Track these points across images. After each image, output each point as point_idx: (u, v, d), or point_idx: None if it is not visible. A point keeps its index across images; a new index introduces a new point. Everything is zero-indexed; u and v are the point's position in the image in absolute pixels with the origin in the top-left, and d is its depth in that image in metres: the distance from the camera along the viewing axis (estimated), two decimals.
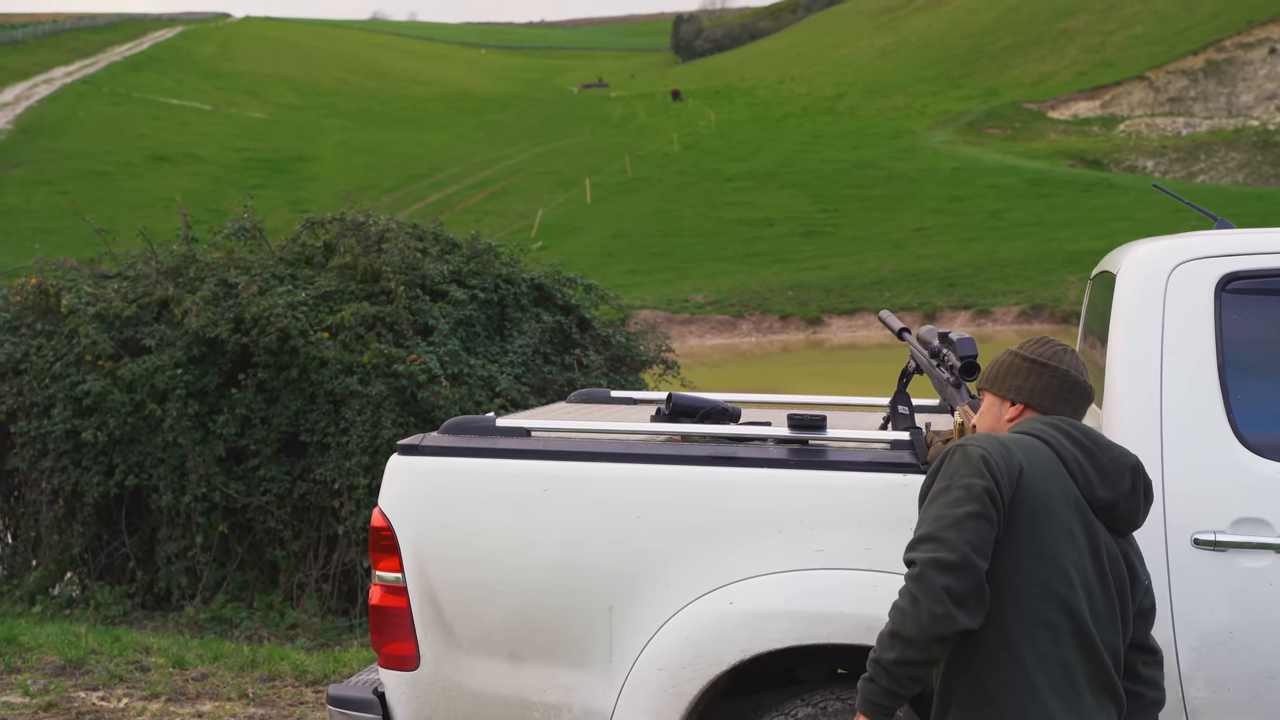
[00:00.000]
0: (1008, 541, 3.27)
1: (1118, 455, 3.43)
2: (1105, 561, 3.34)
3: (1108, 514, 3.38)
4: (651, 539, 4.12)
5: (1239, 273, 4.10)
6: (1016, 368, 3.59)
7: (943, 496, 3.28)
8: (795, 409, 4.61)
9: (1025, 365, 3.58)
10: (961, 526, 3.20)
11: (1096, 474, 3.38)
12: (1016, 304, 34.88)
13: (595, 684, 4.15)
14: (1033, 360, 3.57)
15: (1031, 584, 3.26)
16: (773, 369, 31.77)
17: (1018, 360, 3.59)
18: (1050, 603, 3.26)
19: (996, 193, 51.03)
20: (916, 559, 3.23)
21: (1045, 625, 3.25)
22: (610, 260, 42.68)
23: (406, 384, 9.16)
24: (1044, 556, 3.27)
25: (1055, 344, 3.61)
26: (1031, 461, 3.33)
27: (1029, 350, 3.60)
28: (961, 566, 3.17)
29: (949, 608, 3.16)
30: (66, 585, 10.02)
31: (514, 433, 4.40)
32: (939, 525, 3.23)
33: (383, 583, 4.31)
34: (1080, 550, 3.30)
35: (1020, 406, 3.57)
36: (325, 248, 10.28)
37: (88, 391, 9.40)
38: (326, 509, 9.39)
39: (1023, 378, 3.57)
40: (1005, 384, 3.60)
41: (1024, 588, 3.26)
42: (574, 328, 10.23)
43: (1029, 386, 3.56)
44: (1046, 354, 3.57)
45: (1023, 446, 3.36)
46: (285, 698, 7.34)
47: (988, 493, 3.23)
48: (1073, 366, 3.56)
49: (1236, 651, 3.90)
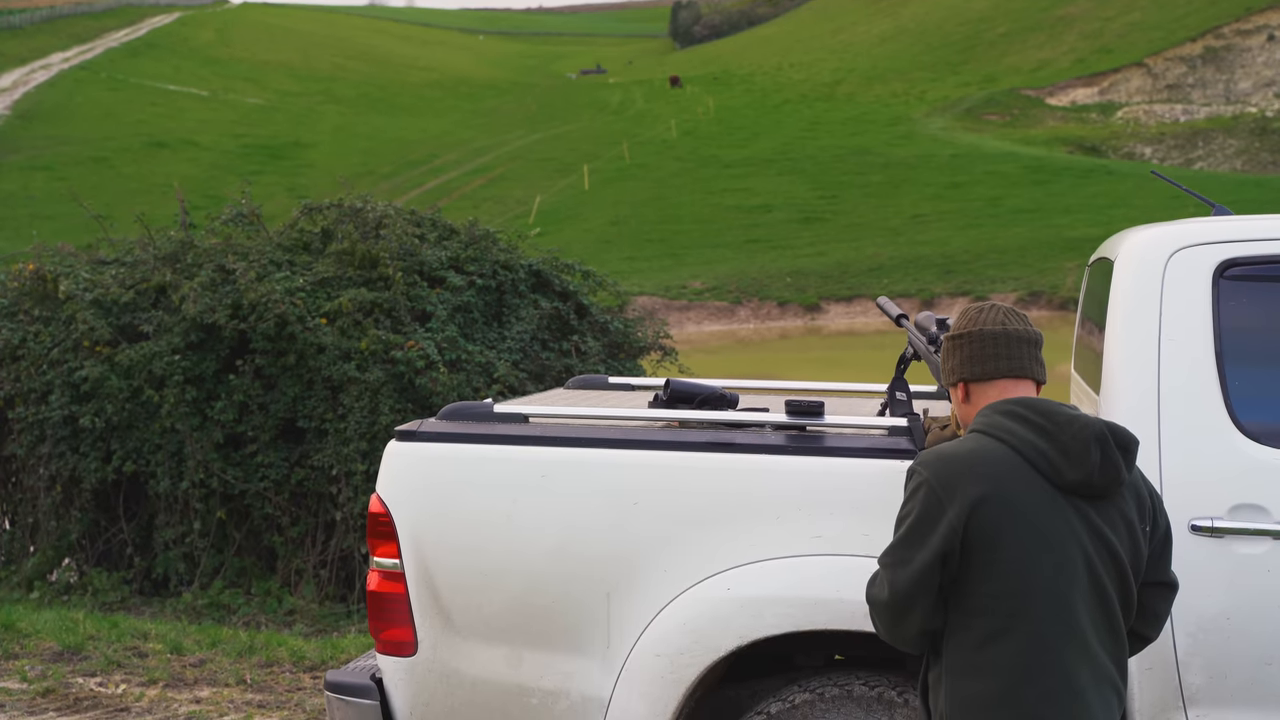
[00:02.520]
0: (976, 562, 3.22)
1: (1079, 430, 3.27)
2: (1089, 546, 3.24)
3: (1084, 490, 3.26)
4: (649, 525, 4.12)
5: (1237, 259, 4.09)
6: (945, 352, 3.52)
7: (898, 527, 3.34)
8: (793, 395, 4.62)
9: (949, 345, 3.51)
10: (899, 567, 3.28)
11: (1060, 456, 3.25)
12: (1014, 290, 34.83)
13: (593, 670, 4.15)
14: (953, 337, 3.50)
15: (1014, 598, 3.22)
16: (771, 355, 31.76)
17: (944, 343, 3.53)
18: (1033, 611, 3.21)
19: (995, 179, 50.96)
20: (871, 584, 3.41)
21: (1031, 635, 3.21)
22: (608, 246, 42.64)
23: (404, 370, 9.15)
24: (1020, 570, 3.21)
25: (971, 309, 3.52)
26: (987, 475, 3.23)
27: (951, 329, 3.54)
28: (889, 608, 3.32)
29: (883, 634, 3.41)
30: (64, 571, 10.03)
31: (512, 419, 4.40)
32: (885, 558, 3.35)
33: (380, 569, 4.31)
34: (1057, 547, 3.22)
35: (962, 386, 3.48)
36: (323, 234, 10.28)
37: (85, 377, 9.39)
38: (324, 495, 9.39)
39: (951, 358, 3.50)
40: (945, 373, 3.54)
41: (1005, 604, 3.22)
42: (572, 314, 10.22)
43: (958, 364, 3.48)
44: (962, 324, 3.49)
45: (977, 460, 3.26)
46: (283, 684, 7.35)
47: (931, 527, 3.24)
48: (990, 322, 3.44)
49: (1234, 637, 3.90)
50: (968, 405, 3.48)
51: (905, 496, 3.34)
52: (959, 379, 3.49)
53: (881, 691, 4.00)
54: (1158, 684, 3.88)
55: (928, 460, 3.30)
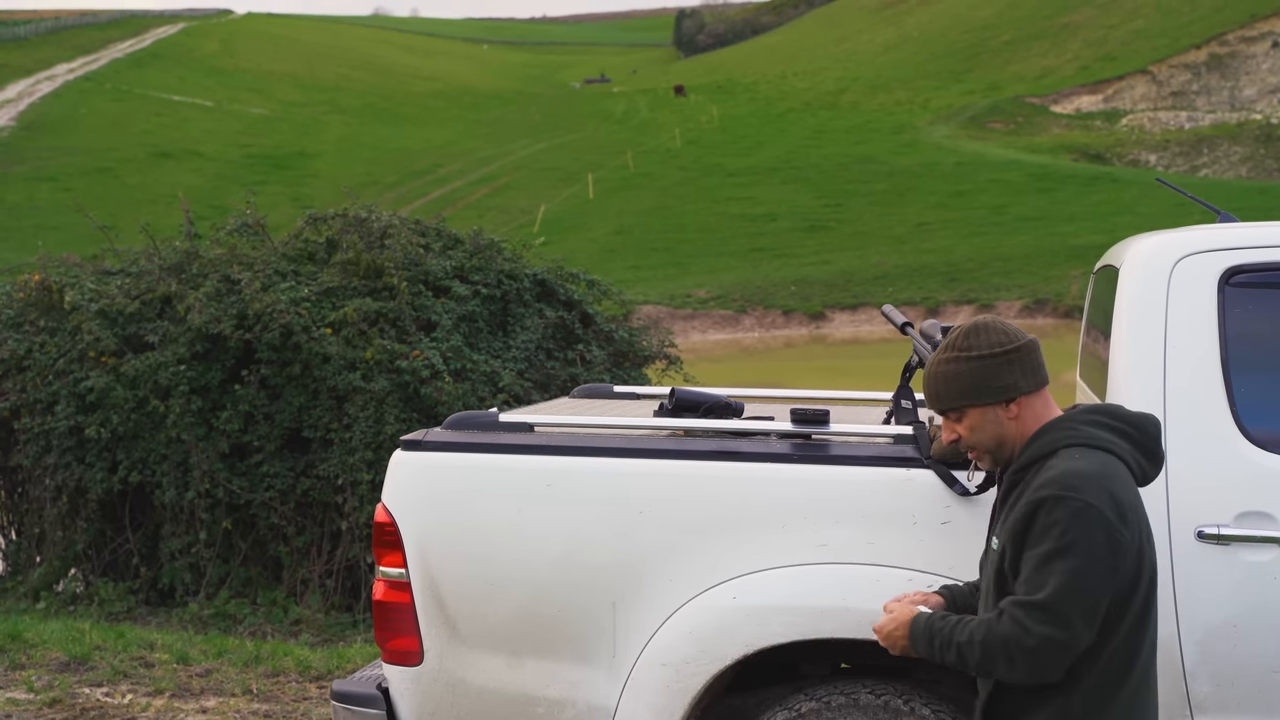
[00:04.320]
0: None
1: (1150, 427, 3.42)
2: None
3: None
4: (655, 534, 4.12)
5: (1242, 266, 4.09)
6: (994, 368, 3.41)
7: (1058, 562, 3.17)
8: (798, 403, 4.61)
9: (1001, 359, 3.41)
10: (1077, 602, 3.17)
11: (1147, 460, 3.40)
12: (1019, 298, 34.83)
13: (599, 679, 4.15)
14: (1002, 352, 3.41)
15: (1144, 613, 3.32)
16: (776, 364, 31.75)
17: (986, 362, 3.41)
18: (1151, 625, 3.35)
19: (999, 187, 50.97)
20: (1031, 630, 3.18)
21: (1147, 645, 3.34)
22: (613, 256, 42.67)
23: (409, 380, 9.16)
24: (1153, 577, 3.34)
25: (983, 326, 3.47)
26: (1130, 497, 3.27)
27: (980, 347, 3.42)
28: (1073, 644, 3.19)
29: (1046, 674, 3.23)
30: (70, 582, 10.03)
31: (517, 428, 4.39)
32: (1057, 597, 3.17)
33: (386, 578, 4.31)
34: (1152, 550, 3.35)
35: (1019, 400, 3.42)
36: (328, 244, 10.29)
37: (91, 388, 9.40)
38: (330, 505, 9.39)
39: (1009, 373, 3.41)
40: (991, 389, 3.42)
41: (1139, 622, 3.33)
42: (577, 323, 10.22)
43: (1018, 376, 3.42)
44: (1003, 340, 3.42)
45: (1116, 480, 3.26)
46: (289, 693, 7.35)
47: (1109, 552, 3.18)
48: (1022, 334, 3.46)
49: (1240, 645, 3.89)
50: (1018, 421, 3.44)
51: (1062, 527, 3.20)
52: (1020, 394, 3.42)
53: (888, 700, 4.00)
54: (1165, 692, 3.86)
55: (1078, 485, 3.21)
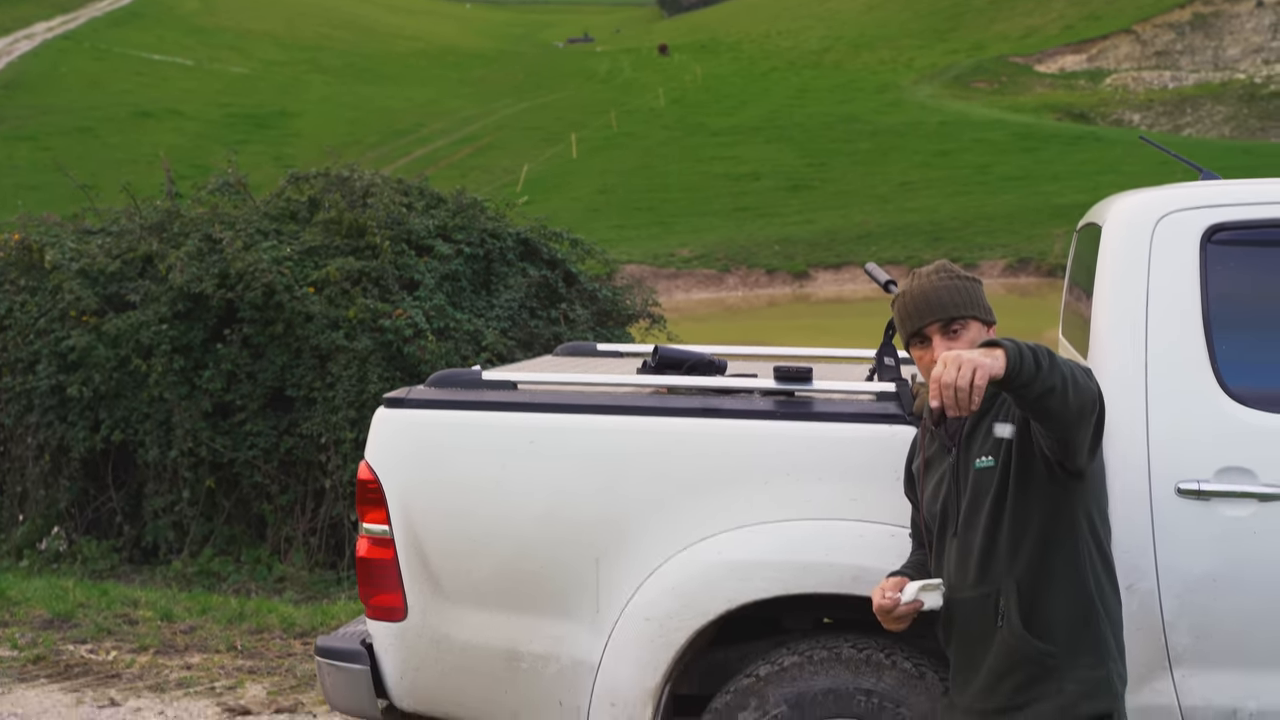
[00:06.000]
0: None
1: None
2: None
3: None
4: (638, 490, 4.13)
5: (1224, 224, 4.09)
6: (980, 291, 3.66)
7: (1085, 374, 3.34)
8: (782, 361, 4.62)
9: (980, 287, 3.67)
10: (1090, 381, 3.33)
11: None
12: (1003, 257, 34.89)
13: (582, 634, 4.17)
14: (979, 282, 3.68)
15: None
16: (759, 323, 31.78)
17: (974, 285, 3.65)
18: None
19: (983, 147, 50.95)
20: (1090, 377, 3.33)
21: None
22: (596, 215, 42.58)
23: (392, 339, 9.16)
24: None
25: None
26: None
27: (960, 270, 3.66)
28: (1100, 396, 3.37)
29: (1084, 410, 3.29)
30: (53, 540, 10.04)
31: (500, 385, 4.39)
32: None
33: (370, 535, 4.32)
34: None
35: (993, 326, 3.65)
36: (310, 203, 10.26)
37: (73, 347, 9.38)
38: (313, 463, 9.40)
39: (986, 299, 3.66)
40: (984, 308, 3.64)
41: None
42: (560, 282, 10.22)
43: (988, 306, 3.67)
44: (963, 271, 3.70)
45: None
46: (273, 650, 7.37)
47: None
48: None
49: (1219, 599, 3.92)
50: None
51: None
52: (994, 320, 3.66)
53: (870, 654, 4.02)
54: (1144, 645, 3.90)
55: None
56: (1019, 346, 3.10)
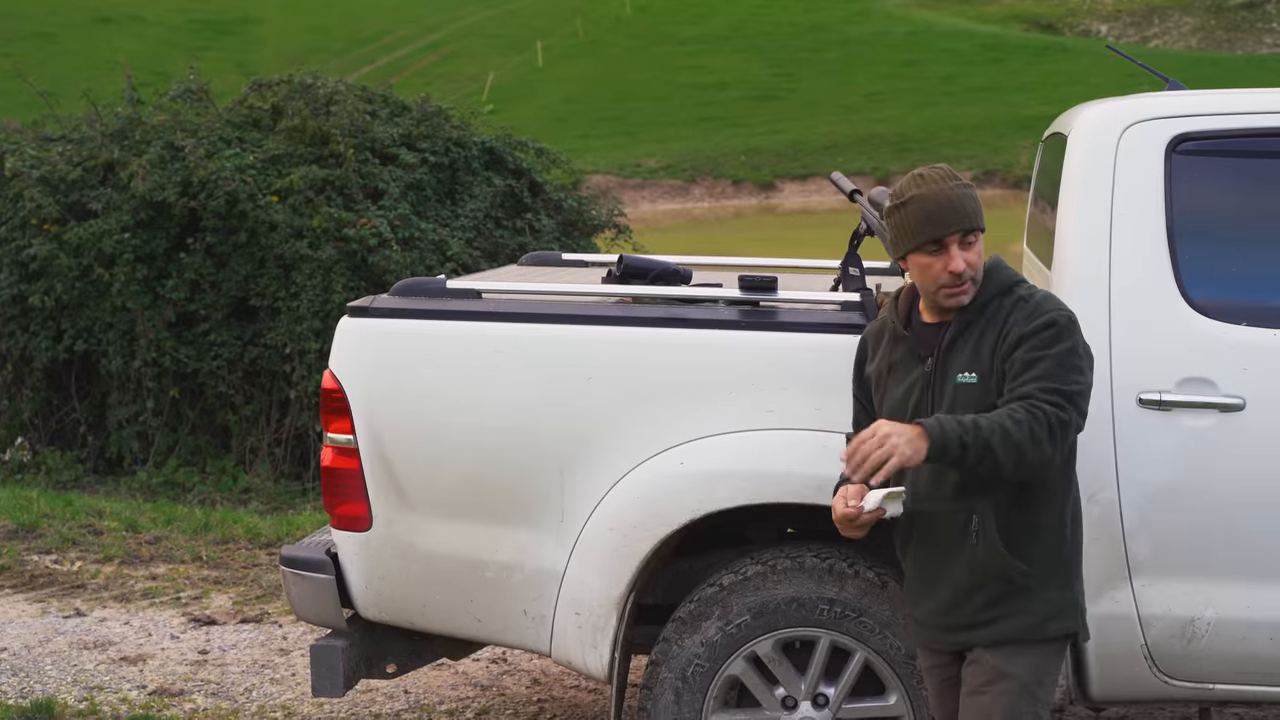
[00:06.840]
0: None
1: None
2: None
3: None
4: (602, 400, 4.13)
5: (1189, 134, 4.09)
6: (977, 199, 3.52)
7: (1075, 360, 3.37)
8: (747, 271, 4.61)
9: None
10: (1085, 398, 3.38)
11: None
12: (969, 169, 34.74)
13: (547, 543, 4.18)
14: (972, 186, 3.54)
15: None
16: (725, 234, 31.68)
17: (971, 190, 3.51)
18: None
19: (950, 57, 50.68)
20: (1057, 407, 3.29)
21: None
22: (562, 124, 42.24)
23: (357, 248, 9.12)
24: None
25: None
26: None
27: (951, 171, 3.52)
28: (1075, 431, 3.38)
29: (1058, 453, 3.34)
30: (17, 450, 10.01)
31: (465, 294, 4.37)
32: (1079, 389, 3.36)
33: (334, 444, 4.31)
34: None
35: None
36: (273, 110, 10.15)
37: (34, 256, 9.30)
38: (278, 373, 9.38)
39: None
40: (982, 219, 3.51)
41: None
42: (525, 192, 10.17)
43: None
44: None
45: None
46: (239, 560, 7.39)
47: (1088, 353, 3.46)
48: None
49: (1179, 509, 3.96)
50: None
51: (1057, 335, 3.37)
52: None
53: (833, 563, 4.05)
54: (1104, 555, 3.93)
55: (1058, 301, 3.49)
56: (945, 442, 3.22)
